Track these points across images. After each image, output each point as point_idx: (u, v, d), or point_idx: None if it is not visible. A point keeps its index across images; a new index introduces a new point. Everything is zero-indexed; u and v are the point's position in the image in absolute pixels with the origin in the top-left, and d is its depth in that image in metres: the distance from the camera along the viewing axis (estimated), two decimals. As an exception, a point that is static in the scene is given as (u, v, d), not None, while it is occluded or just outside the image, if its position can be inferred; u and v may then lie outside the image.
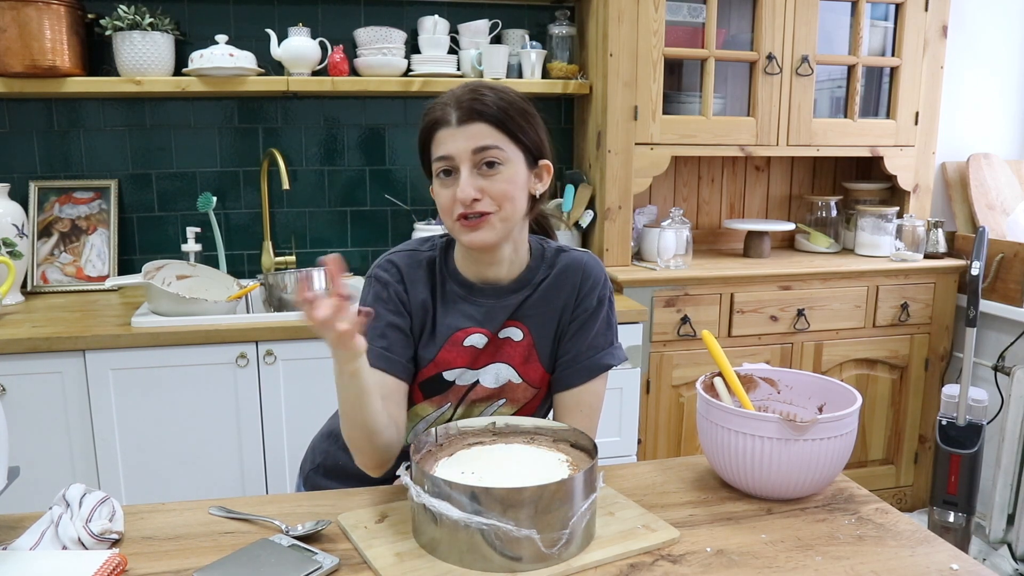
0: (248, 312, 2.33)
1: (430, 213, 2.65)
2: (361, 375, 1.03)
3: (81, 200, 2.43)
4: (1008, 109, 2.91)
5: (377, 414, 1.08)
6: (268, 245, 2.52)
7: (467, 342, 1.21)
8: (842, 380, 2.37)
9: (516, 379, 1.24)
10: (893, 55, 2.62)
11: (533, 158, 1.16)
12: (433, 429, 1.10)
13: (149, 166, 2.48)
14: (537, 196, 1.19)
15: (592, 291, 1.23)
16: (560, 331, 1.24)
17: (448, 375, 1.22)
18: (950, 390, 2.36)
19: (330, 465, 1.35)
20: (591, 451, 1.05)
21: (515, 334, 1.23)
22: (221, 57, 2.21)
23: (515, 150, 1.13)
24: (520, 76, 2.50)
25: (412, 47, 2.49)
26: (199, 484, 2.01)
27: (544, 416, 1.32)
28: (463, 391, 1.23)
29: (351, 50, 2.42)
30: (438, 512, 0.92)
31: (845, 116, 2.62)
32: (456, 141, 1.10)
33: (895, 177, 2.68)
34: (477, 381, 1.23)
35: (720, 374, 1.22)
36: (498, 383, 1.23)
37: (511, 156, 1.12)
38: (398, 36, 2.38)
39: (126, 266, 2.47)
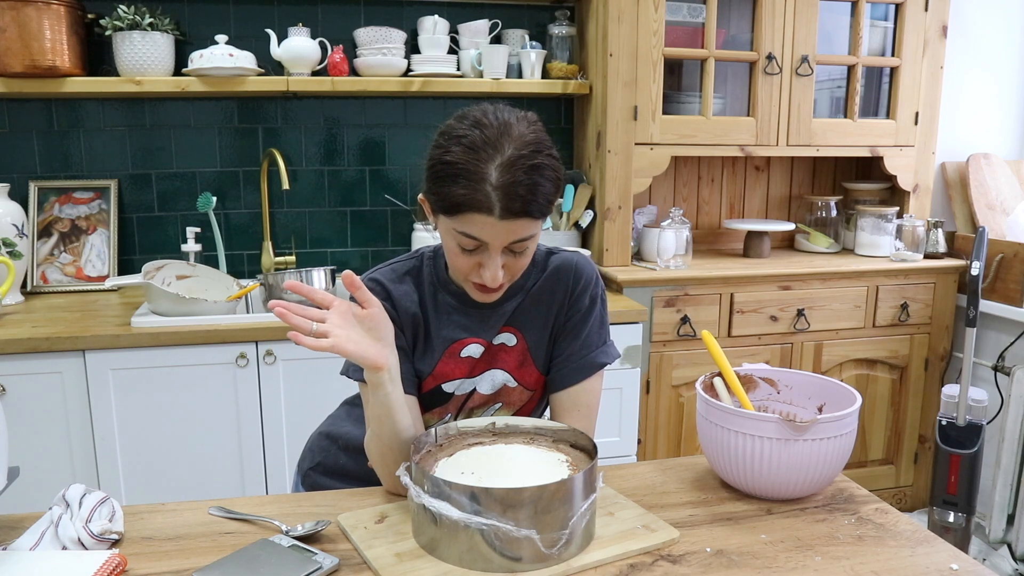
0: (248, 312, 2.34)
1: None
2: (384, 390, 1.04)
3: (81, 200, 2.43)
4: (1008, 109, 2.91)
5: (406, 431, 1.09)
6: (268, 245, 2.52)
7: (464, 353, 1.20)
8: (842, 380, 2.38)
9: (512, 383, 1.23)
10: (893, 55, 2.62)
11: None
12: (433, 429, 1.10)
13: (149, 166, 2.48)
14: None
15: (584, 291, 1.23)
16: (554, 333, 1.24)
17: (447, 387, 1.21)
18: (950, 390, 2.36)
19: (330, 464, 1.35)
20: (591, 451, 1.05)
21: (509, 340, 1.22)
22: (221, 57, 2.21)
23: (540, 225, 1.09)
24: (520, 76, 2.50)
25: (412, 47, 2.49)
26: (199, 484, 2.01)
27: (540, 417, 1.32)
28: (462, 400, 1.23)
29: (351, 50, 2.42)
30: (438, 512, 0.92)
31: (845, 116, 2.63)
32: (498, 232, 1.03)
33: (895, 177, 2.68)
34: (474, 389, 1.23)
35: (720, 374, 1.22)
36: (494, 388, 1.23)
37: (538, 232, 1.09)
38: (398, 36, 2.38)
39: (126, 266, 2.48)
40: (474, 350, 1.20)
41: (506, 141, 1.02)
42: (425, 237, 2.50)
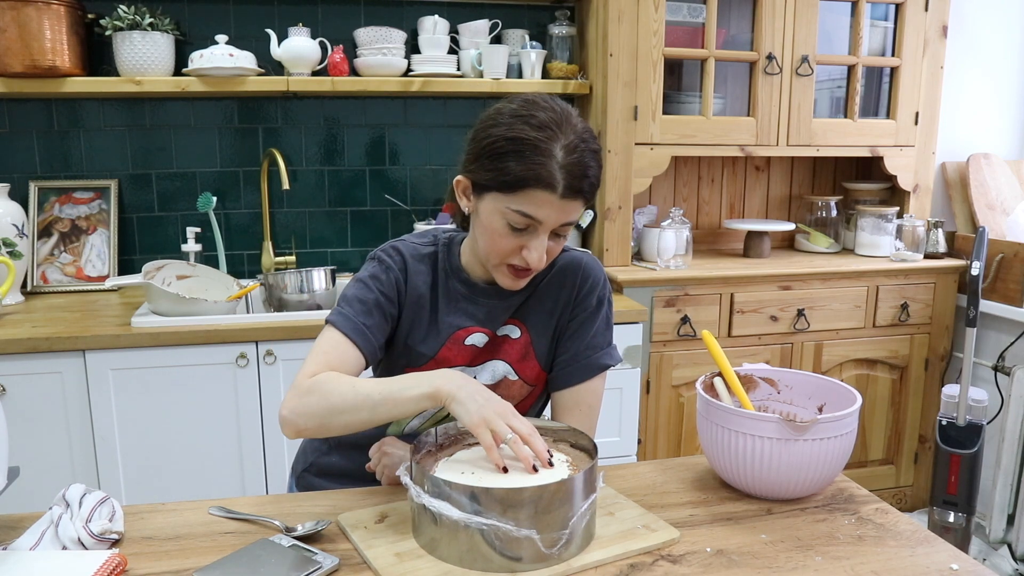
0: (248, 312, 2.33)
1: (430, 213, 2.65)
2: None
3: (81, 200, 2.43)
4: (1008, 109, 2.91)
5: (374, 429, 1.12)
6: (268, 245, 2.52)
7: (468, 341, 1.21)
8: (842, 380, 2.38)
9: (512, 376, 1.24)
10: (893, 55, 2.62)
11: None
12: (433, 429, 1.10)
13: (149, 166, 2.48)
14: None
15: (592, 291, 1.24)
16: (558, 330, 1.25)
17: None
18: (950, 390, 2.36)
19: (323, 464, 1.34)
20: (591, 451, 1.05)
21: (513, 332, 1.24)
22: (221, 57, 2.21)
23: None
24: (520, 76, 2.50)
25: (412, 47, 2.49)
26: (199, 484, 2.01)
27: (538, 415, 1.32)
28: None
29: (351, 50, 2.42)
30: (438, 512, 0.92)
31: (845, 116, 2.63)
32: (553, 212, 1.06)
33: (895, 177, 2.68)
34: (475, 377, 1.23)
35: (720, 374, 1.22)
36: (494, 379, 1.24)
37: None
38: (398, 36, 2.38)
39: (126, 266, 2.48)
40: (478, 339, 1.21)
41: (567, 125, 1.05)
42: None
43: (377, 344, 1.17)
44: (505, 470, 0.98)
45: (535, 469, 0.98)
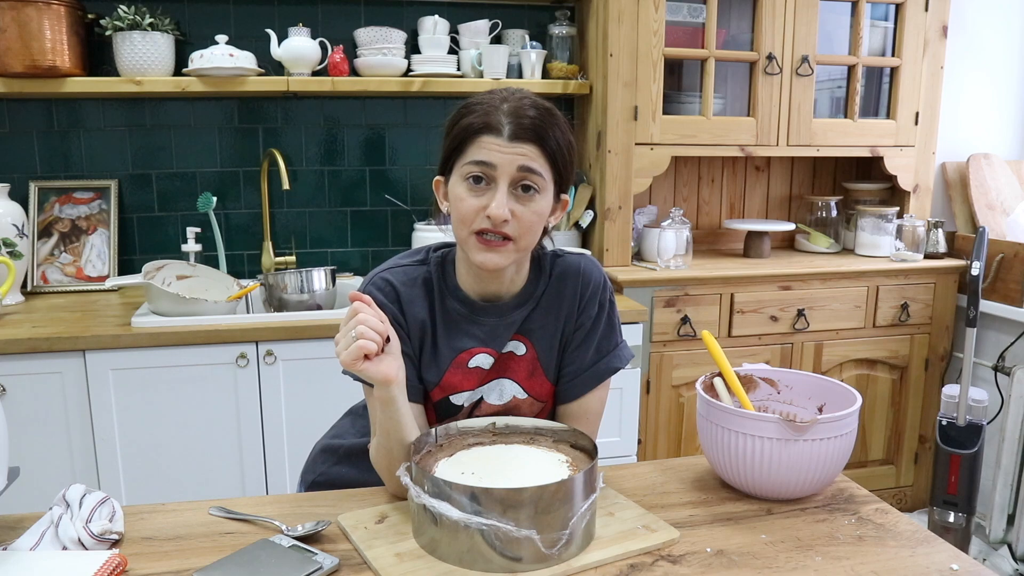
0: (248, 312, 2.33)
1: (430, 213, 2.65)
2: (395, 404, 1.05)
3: (81, 200, 2.43)
4: (1008, 109, 2.91)
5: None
6: (268, 245, 2.52)
7: (472, 363, 1.18)
8: (842, 380, 2.38)
9: (521, 394, 1.21)
10: (893, 55, 2.62)
11: (559, 192, 1.14)
12: (433, 429, 1.10)
13: (149, 166, 2.48)
14: (548, 228, 1.17)
15: (593, 298, 1.21)
16: (564, 341, 1.22)
17: (456, 399, 1.19)
18: (950, 390, 2.36)
19: (333, 474, 1.33)
20: (591, 451, 1.05)
21: (518, 348, 1.20)
22: (221, 57, 2.21)
23: (551, 181, 1.10)
24: (520, 76, 2.50)
25: (412, 47, 2.49)
26: (199, 484, 2.01)
27: None
28: (469, 411, 1.21)
29: (351, 50, 2.42)
30: (438, 512, 0.92)
31: (845, 116, 2.63)
32: (503, 154, 1.06)
33: (895, 177, 2.68)
34: (481, 398, 1.20)
35: (720, 374, 1.22)
36: (503, 400, 1.21)
37: (547, 186, 1.09)
38: (398, 36, 2.38)
39: (126, 266, 2.47)
40: (483, 360, 1.19)
41: (516, 92, 1.13)
42: (425, 237, 2.50)
43: (414, 381, 1.16)
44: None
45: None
